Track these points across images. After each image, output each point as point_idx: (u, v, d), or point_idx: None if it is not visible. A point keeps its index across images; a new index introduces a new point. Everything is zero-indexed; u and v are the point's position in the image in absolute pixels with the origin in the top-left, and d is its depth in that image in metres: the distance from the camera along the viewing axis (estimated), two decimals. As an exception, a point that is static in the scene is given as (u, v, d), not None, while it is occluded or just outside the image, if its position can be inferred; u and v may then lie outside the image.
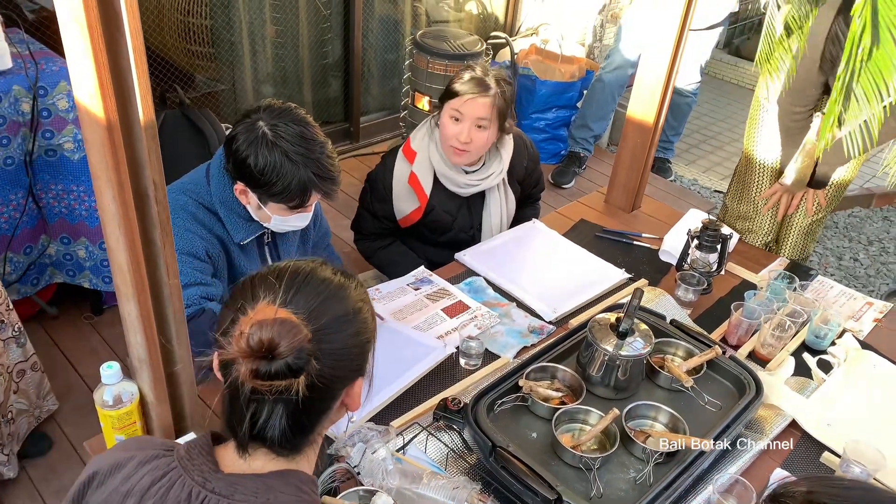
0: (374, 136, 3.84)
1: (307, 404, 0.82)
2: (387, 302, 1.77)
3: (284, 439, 0.84)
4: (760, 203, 2.27)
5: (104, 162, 1.06)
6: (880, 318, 1.87)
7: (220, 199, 1.59)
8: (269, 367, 0.77)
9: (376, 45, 3.67)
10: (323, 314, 0.83)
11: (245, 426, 0.82)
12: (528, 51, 3.86)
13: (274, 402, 0.81)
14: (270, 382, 0.78)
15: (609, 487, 1.29)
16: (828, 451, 1.44)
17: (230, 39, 3.09)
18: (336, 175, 1.54)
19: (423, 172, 2.01)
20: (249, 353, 0.77)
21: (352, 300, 0.88)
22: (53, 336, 2.37)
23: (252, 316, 0.80)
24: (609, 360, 1.45)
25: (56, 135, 2.10)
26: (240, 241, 1.63)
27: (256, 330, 0.77)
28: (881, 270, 3.40)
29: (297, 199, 1.52)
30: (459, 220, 2.08)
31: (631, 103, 2.19)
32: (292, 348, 0.77)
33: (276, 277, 0.85)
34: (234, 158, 1.51)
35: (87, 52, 0.98)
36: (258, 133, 1.48)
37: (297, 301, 0.83)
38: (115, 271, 1.19)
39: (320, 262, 0.91)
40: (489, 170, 2.03)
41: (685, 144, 4.35)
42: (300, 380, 0.79)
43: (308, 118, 1.54)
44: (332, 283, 0.87)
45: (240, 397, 0.81)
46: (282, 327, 0.78)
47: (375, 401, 1.44)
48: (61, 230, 2.27)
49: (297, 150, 1.48)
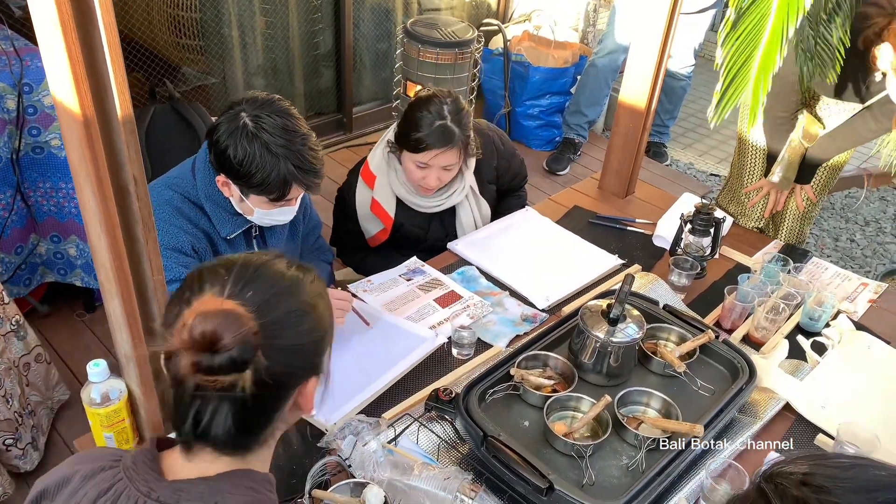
0: (368, 127, 3.81)
1: (255, 403, 0.79)
2: (379, 293, 1.76)
3: (230, 439, 0.81)
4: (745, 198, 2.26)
5: (82, 158, 1.05)
6: (875, 298, 1.86)
7: (205, 193, 1.58)
8: (212, 360, 0.74)
9: (367, 34, 3.64)
10: (273, 308, 0.80)
11: (188, 425, 0.79)
12: (520, 37, 3.83)
13: (219, 400, 0.78)
14: (214, 377, 0.74)
15: (601, 475, 1.29)
16: (822, 433, 1.44)
17: (220, 32, 3.07)
18: (319, 168, 1.52)
19: (384, 198, 1.95)
20: (191, 345, 0.74)
21: (306, 295, 0.84)
22: (46, 335, 2.36)
23: (196, 307, 0.76)
24: (601, 347, 1.44)
25: (42, 132, 2.08)
26: (226, 235, 1.61)
27: (199, 321, 0.74)
28: (878, 251, 3.38)
29: (277, 192, 1.50)
30: (432, 231, 2.04)
31: (623, 88, 2.18)
32: (236, 341, 0.74)
33: (226, 269, 0.82)
34: (215, 149, 1.49)
35: (61, 48, 0.97)
36: (239, 124, 1.46)
37: (246, 294, 0.80)
38: (99, 269, 1.18)
39: (275, 255, 0.87)
40: (452, 188, 1.95)
41: (680, 128, 4.32)
42: (246, 376, 0.76)
43: (292, 110, 1.52)
44: (284, 277, 0.84)
45: (183, 394, 0.78)
46: (225, 319, 0.74)
47: (367, 392, 1.43)
48: (51, 228, 2.26)
49: (277, 141, 1.46)
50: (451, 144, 1.80)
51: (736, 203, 2.32)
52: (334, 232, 2.14)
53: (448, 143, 1.79)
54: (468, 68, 3.34)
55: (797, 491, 0.68)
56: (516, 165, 2.16)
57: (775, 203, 2.17)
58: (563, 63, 3.70)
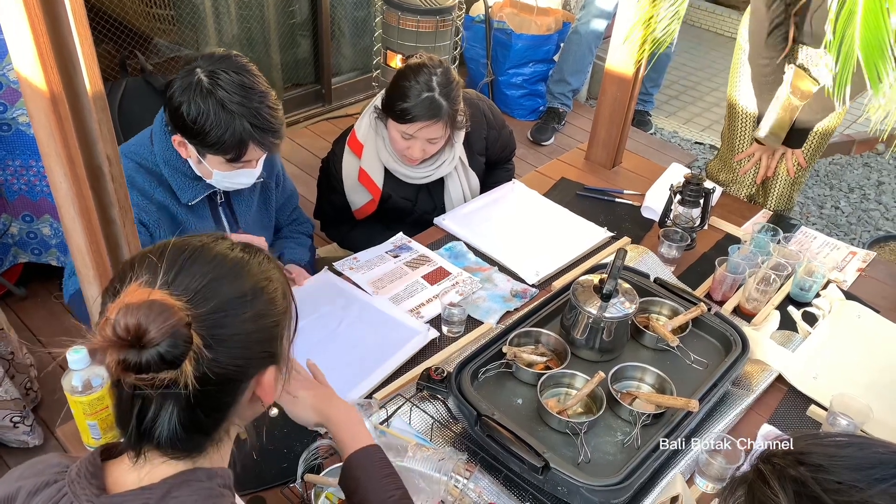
0: (348, 98, 3.73)
1: (202, 399, 0.72)
2: (365, 271, 1.72)
3: (179, 441, 0.74)
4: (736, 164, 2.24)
5: (51, 137, 0.99)
6: (864, 267, 1.86)
7: (163, 157, 1.51)
8: (139, 357, 0.68)
9: (345, 1, 3.54)
10: (213, 296, 0.73)
11: (132, 427, 0.73)
12: (502, 3, 3.75)
13: (162, 398, 0.71)
14: (147, 375, 0.68)
15: (597, 452, 1.27)
16: (814, 405, 1.44)
17: (192, 1, 2.96)
18: (277, 127, 1.46)
19: (372, 168, 1.91)
20: (116, 342, 0.67)
21: (251, 278, 0.77)
22: (24, 319, 2.30)
23: (121, 299, 0.69)
24: (593, 323, 1.42)
25: (9, 108, 2.00)
26: (187, 201, 1.55)
27: (122, 315, 0.67)
28: (862, 218, 3.40)
29: (233, 152, 1.44)
30: (420, 204, 2.00)
31: (609, 56, 2.13)
32: (164, 334, 0.67)
33: (159, 255, 0.74)
34: (169, 107, 1.43)
35: (23, 19, 0.91)
36: (194, 80, 1.39)
37: (180, 281, 0.73)
38: (75, 253, 1.13)
39: (216, 238, 0.80)
40: (441, 158, 1.91)
41: (664, 96, 4.29)
42: (187, 371, 0.69)
43: (250, 66, 1.46)
44: (226, 260, 0.77)
45: (122, 393, 0.72)
46: (150, 310, 0.68)
47: (364, 386, 1.40)
48: (23, 208, 2.19)
49: (233, 98, 1.39)
50: (437, 118, 1.75)
51: (727, 170, 2.30)
52: (318, 205, 2.09)
53: (434, 117, 1.75)
54: (450, 36, 3.27)
55: (794, 471, 0.68)
56: (506, 137, 2.12)
57: (766, 168, 2.15)
58: (545, 30, 3.63)
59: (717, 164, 2.38)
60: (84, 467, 0.77)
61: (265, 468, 1.23)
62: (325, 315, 1.57)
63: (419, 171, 1.91)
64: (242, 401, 0.79)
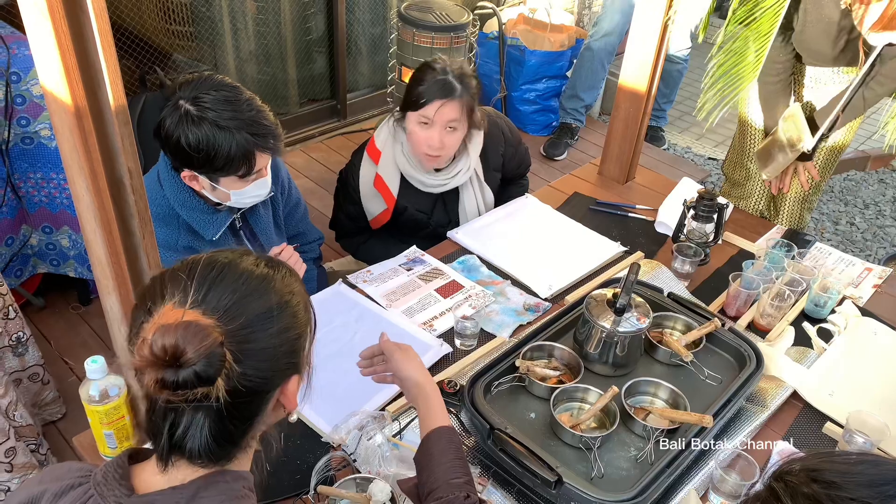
0: (363, 113, 3.76)
1: (232, 411, 0.75)
2: (379, 284, 1.73)
3: (208, 450, 0.76)
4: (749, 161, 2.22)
5: (75, 150, 1.02)
6: (880, 283, 1.85)
7: (177, 200, 1.54)
8: (176, 376, 0.70)
9: (361, 18, 3.58)
10: (241, 312, 0.75)
11: (163, 438, 0.75)
12: (515, 20, 3.78)
13: (194, 411, 0.74)
14: (182, 392, 0.70)
15: (610, 467, 1.27)
16: (830, 422, 1.43)
17: (210, 17, 3.01)
18: (273, 127, 1.48)
19: (388, 174, 1.93)
20: (153, 362, 0.70)
21: (276, 293, 0.80)
22: (43, 329, 2.32)
23: (156, 320, 0.72)
24: (607, 337, 1.42)
25: (32, 122, 2.04)
26: (211, 237, 1.57)
27: (159, 336, 0.70)
28: (878, 234, 3.37)
29: (243, 167, 1.46)
30: (435, 217, 2.02)
31: (622, 72, 2.14)
32: (200, 354, 0.70)
33: (188, 273, 0.76)
34: (168, 145, 1.45)
35: (50, 36, 0.93)
36: (181, 111, 1.42)
37: (211, 299, 0.75)
38: (95, 264, 1.15)
39: (241, 253, 0.82)
40: (457, 167, 1.94)
41: (677, 112, 4.29)
42: (219, 385, 0.71)
43: (227, 80, 1.48)
44: (252, 277, 0.79)
45: (156, 407, 0.74)
46: (187, 331, 0.70)
47: (378, 398, 1.40)
48: (43, 219, 2.22)
49: (224, 115, 1.41)
50: (453, 96, 1.78)
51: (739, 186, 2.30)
52: (334, 215, 2.12)
53: (448, 96, 1.78)
54: (464, 52, 3.30)
55: (807, 488, 0.69)
56: (521, 153, 2.15)
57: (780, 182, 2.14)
58: (559, 46, 3.65)
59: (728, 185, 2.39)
60: (112, 470, 0.79)
61: (279, 479, 1.24)
62: (339, 327, 1.58)
63: (435, 179, 1.93)
64: (268, 409, 0.82)
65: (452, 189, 1.99)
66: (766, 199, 2.30)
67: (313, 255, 1.95)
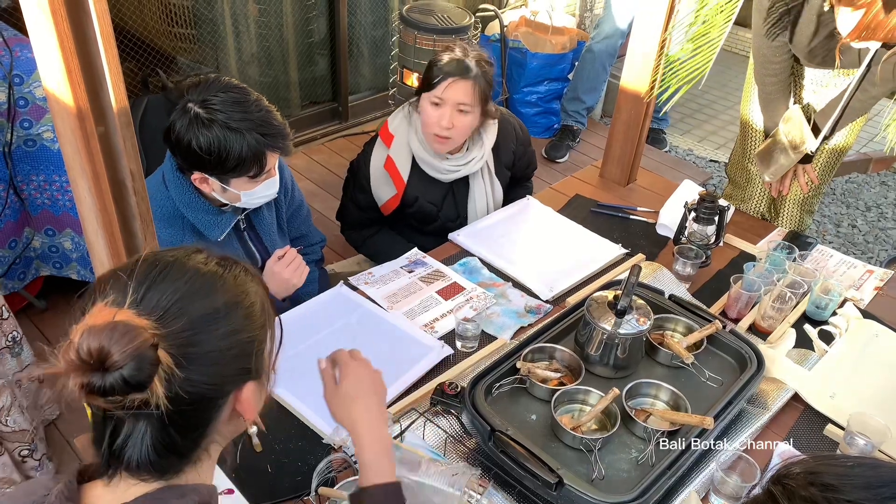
0: (364, 115, 3.77)
1: (176, 419, 0.70)
2: (380, 286, 1.73)
3: (150, 463, 0.71)
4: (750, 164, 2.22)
5: (77, 152, 1.02)
6: (881, 286, 1.84)
7: (182, 201, 1.54)
8: (103, 380, 0.65)
9: (363, 21, 3.59)
10: (183, 313, 0.70)
11: (104, 447, 0.71)
12: (517, 23, 3.78)
13: (134, 420, 0.69)
14: (113, 399, 0.66)
15: (611, 469, 1.27)
16: (831, 424, 1.42)
17: (212, 20, 3.02)
18: (282, 127, 1.49)
19: (400, 157, 1.95)
20: (78, 366, 0.65)
21: (225, 293, 0.74)
22: (45, 331, 2.33)
23: (86, 321, 0.67)
24: (608, 339, 1.42)
25: (34, 124, 2.04)
26: (216, 238, 1.58)
27: (85, 338, 0.65)
28: (880, 236, 3.37)
29: (255, 167, 1.47)
30: (445, 209, 2.03)
31: (624, 74, 2.14)
32: (127, 356, 0.65)
33: (128, 273, 0.71)
34: (178, 148, 1.46)
35: (53, 39, 0.94)
36: (191, 115, 1.42)
37: (150, 299, 0.70)
38: (97, 266, 1.15)
39: (190, 251, 0.77)
40: (470, 155, 1.96)
41: (679, 114, 4.29)
42: (158, 392, 0.66)
43: (234, 81, 1.49)
44: (198, 275, 0.73)
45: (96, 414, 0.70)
46: (114, 332, 0.65)
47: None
48: (45, 222, 2.23)
49: (234, 116, 1.42)
50: (466, 75, 1.80)
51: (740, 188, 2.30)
52: (342, 204, 2.12)
53: (462, 74, 1.79)
54: (465, 55, 3.30)
55: (805, 491, 0.69)
56: (530, 154, 2.17)
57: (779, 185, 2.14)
58: (560, 49, 3.66)
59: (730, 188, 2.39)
60: (61, 491, 0.73)
61: (279, 481, 1.24)
62: (340, 330, 1.59)
63: (448, 164, 1.94)
64: (221, 418, 0.76)
65: (463, 180, 2.00)
66: (766, 201, 2.30)
67: (315, 258, 1.95)
